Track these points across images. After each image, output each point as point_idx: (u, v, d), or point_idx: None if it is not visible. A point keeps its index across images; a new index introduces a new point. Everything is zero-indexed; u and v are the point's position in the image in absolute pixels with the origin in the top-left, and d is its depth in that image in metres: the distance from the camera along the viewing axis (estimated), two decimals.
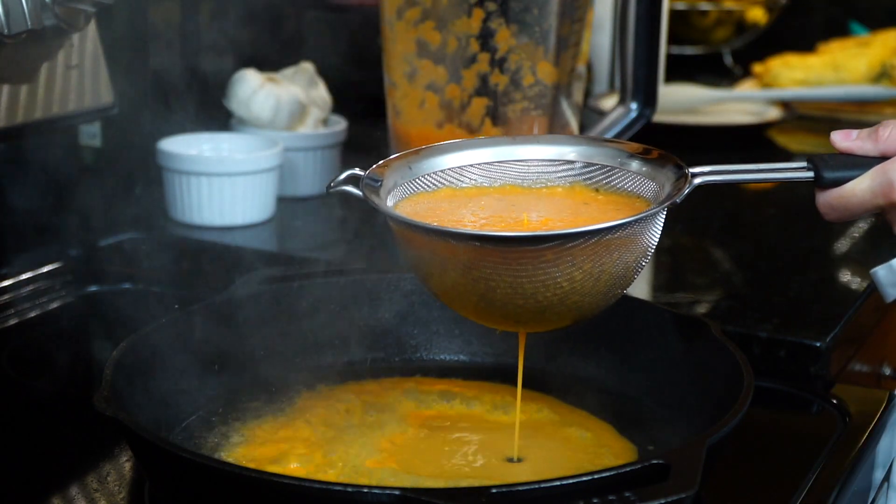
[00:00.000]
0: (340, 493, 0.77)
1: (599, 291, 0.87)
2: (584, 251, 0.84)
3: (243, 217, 1.48)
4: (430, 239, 0.86)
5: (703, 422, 0.86)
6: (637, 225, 0.86)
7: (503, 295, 0.85)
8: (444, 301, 0.91)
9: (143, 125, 1.52)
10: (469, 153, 0.95)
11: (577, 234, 0.83)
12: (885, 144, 0.90)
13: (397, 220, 0.87)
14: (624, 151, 0.94)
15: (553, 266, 0.83)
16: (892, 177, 0.88)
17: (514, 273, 0.84)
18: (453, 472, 0.92)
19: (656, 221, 0.88)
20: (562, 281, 0.84)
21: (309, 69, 1.62)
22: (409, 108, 1.39)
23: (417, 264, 0.89)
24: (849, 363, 1.26)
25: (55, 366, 1.19)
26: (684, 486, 0.74)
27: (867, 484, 1.10)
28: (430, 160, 0.95)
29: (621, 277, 0.88)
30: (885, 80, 2.25)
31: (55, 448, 1.01)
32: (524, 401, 1.05)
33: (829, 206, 0.92)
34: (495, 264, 0.84)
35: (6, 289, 1.31)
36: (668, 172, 0.91)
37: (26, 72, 1.21)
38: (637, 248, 0.87)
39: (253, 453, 0.95)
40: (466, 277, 0.85)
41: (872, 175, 0.89)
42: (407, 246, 0.89)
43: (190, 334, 1.02)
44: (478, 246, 0.84)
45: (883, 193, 0.89)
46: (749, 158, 2.03)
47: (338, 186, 0.90)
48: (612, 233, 0.84)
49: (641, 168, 0.93)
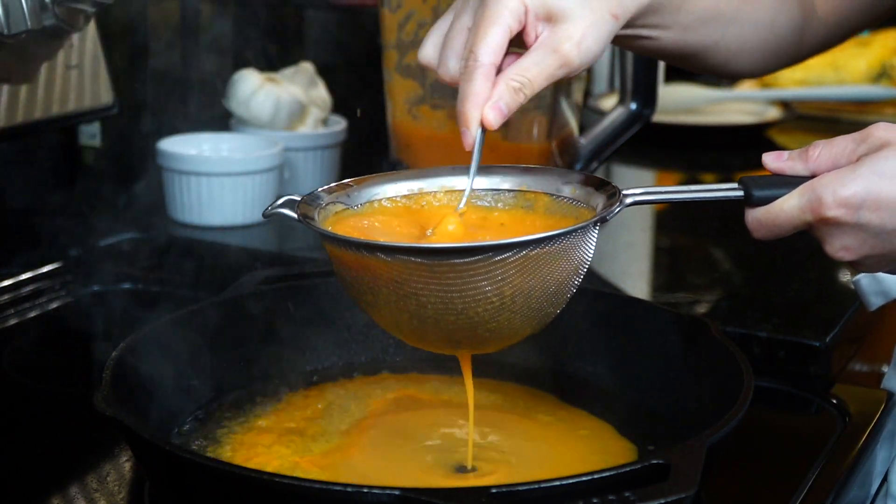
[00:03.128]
0: (340, 492, 0.77)
1: (532, 308, 0.87)
2: (514, 265, 0.84)
3: (243, 217, 1.48)
4: (359, 255, 0.86)
5: (703, 422, 0.86)
6: (566, 239, 0.86)
7: (434, 311, 0.85)
8: (379, 322, 0.91)
9: (143, 125, 1.53)
10: (406, 184, 0.96)
11: (505, 246, 0.83)
12: (815, 164, 0.90)
13: (326, 236, 0.88)
14: (558, 178, 0.94)
15: (483, 279, 0.83)
16: (820, 193, 0.88)
17: (444, 287, 0.84)
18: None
19: (587, 238, 0.88)
20: (492, 296, 0.84)
21: (309, 69, 1.62)
22: (409, 97, 1.39)
23: (350, 284, 0.89)
24: (849, 363, 1.26)
25: (55, 366, 1.19)
26: (684, 486, 0.74)
27: (867, 484, 1.10)
28: (369, 189, 0.95)
29: (553, 295, 0.87)
30: (885, 80, 2.26)
31: (55, 448, 1.01)
32: (524, 400, 1.05)
33: (758, 222, 0.91)
34: (424, 278, 0.84)
35: (6, 289, 1.31)
36: (601, 195, 0.91)
37: (26, 72, 1.21)
38: (568, 264, 0.87)
39: (253, 453, 0.95)
40: (397, 293, 0.85)
41: (801, 192, 0.89)
42: (339, 265, 0.89)
43: (190, 334, 1.02)
44: (407, 259, 0.83)
45: (811, 209, 0.88)
46: (749, 158, 2.04)
47: (274, 210, 0.91)
48: (540, 245, 0.84)
49: (575, 192, 0.93)
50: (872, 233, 0.88)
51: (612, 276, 1.37)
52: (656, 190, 0.93)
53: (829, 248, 0.90)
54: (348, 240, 0.87)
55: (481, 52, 0.90)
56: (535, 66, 0.91)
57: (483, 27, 0.91)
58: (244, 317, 1.06)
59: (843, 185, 0.87)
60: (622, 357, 1.06)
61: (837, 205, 0.87)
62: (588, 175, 0.94)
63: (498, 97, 0.90)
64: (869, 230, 0.88)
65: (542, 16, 0.93)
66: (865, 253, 0.90)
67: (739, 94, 2.24)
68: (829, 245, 0.90)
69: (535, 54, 0.92)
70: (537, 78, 0.91)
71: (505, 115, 0.90)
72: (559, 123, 1.40)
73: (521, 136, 1.38)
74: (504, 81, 0.90)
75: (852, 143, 0.90)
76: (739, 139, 2.09)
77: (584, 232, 0.87)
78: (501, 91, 0.90)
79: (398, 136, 1.43)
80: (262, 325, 1.07)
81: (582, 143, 1.45)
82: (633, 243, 1.44)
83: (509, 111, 0.90)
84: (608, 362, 1.06)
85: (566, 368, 1.07)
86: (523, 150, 1.39)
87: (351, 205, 0.94)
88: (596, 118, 1.52)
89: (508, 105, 0.90)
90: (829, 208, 0.88)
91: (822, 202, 0.88)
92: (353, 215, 0.93)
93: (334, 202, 0.93)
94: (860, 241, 0.89)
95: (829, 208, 0.88)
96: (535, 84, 0.91)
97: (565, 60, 0.92)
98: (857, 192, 0.87)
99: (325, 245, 0.89)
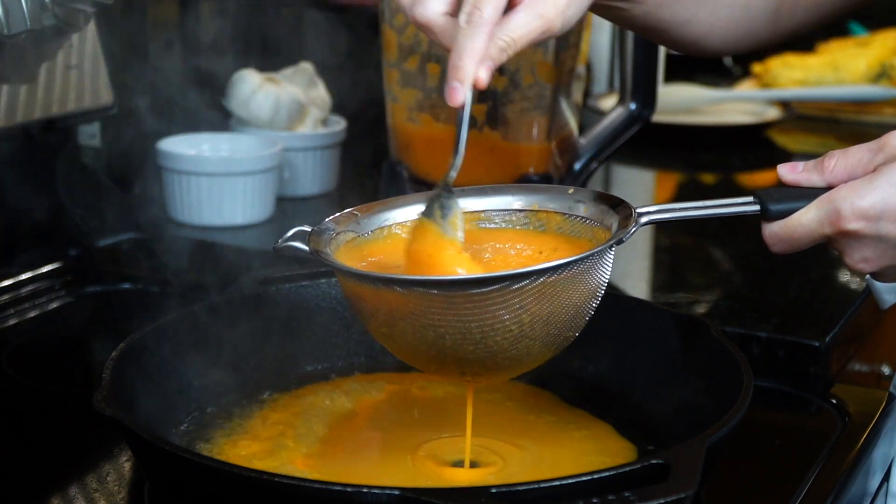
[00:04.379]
0: (340, 492, 0.77)
1: (550, 333, 0.86)
2: (531, 292, 0.83)
3: (243, 217, 1.48)
4: (375, 288, 0.85)
5: (703, 422, 0.86)
6: (583, 264, 0.85)
7: (452, 342, 0.85)
8: (396, 353, 0.91)
9: (143, 125, 1.52)
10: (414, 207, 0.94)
11: (522, 275, 0.82)
12: (832, 175, 0.90)
13: (343, 271, 0.87)
14: (570, 196, 0.94)
15: (501, 308, 0.83)
16: (838, 205, 0.87)
17: (462, 318, 0.83)
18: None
19: (604, 261, 0.88)
20: (510, 325, 0.84)
21: (308, 69, 1.62)
22: (409, 102, 1.39)
23: (366, 315, 0.89)
24: (848, 363, 1.26)
25: (55, 366, 1.19)
26: (684, 486, 0.74)
27: (866, 484, 1.10)
28: (379, 215, 0.95)
29: (572, 319, 0.87)
30: (885, 80, 2.26)
31: (55, 448, 1.01)
32: (524, 399, 1.05)
33: (776, 237, 0.91)
34: (442, 309, 0.83)
35: (6, 289, 1.31)
36: (615, 214, 0.91)
37: (26, 72, 1.21)
38: (585, 287, 0.86)
39: (253, 452, 0.95)
40: (414, 325, 0.85)
41: (818, 204, 0.88)
42: (353, 297, 0.89)
43: (190, 334, 1.02)
44: (423, 291, 0.83)
45: (830, 222, 0.88)
46: (749, 158, 2.04)
47: (285, 243, 0.91)
48: (557, 272, 0.83)
49: (589, 212, 0.93)
50: (892, 244, 0.88)
51: (612, 277, 1.37)
52: (671, 207, 0.92)
53: (849, 259, 0.90)
54: (364, 273, 0.87)
55: (487, 9, 0.88)
56: (520, 28, 0.89)
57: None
58: (244, 317, 1.06)
59: (861, 196, 0.87)
60: (622, 357, 1.06)
61: (856, 217, 0.87)
62: (601, 193, 0.94)
63: (489, 55, 0.88)
64: (889, 241, 0.87)
65: None
66: (886, 263, 0.89)
67: (739, 94, 2.24)
68: (848, 257, 0.90)
69: (520, 15, 0.90)
70: (521, 40, 0.90)
71: (490, 74, 0.88)
72: (559, 123, 1.40)
73: (521, 137, 1.39)
74: (492, 40, 0.89)
75: (868, 152, 0.89)
76: (739, 139, 2.09)
77: (601, 255, 0.87)
78: (492, 50, 0.88)
79: (398, 137, 1.43)
80: (262, 326, 1.07)
81: (582, 143, 1.45)
82: (632, 243, 1.44)
83: (492, 71, 0.89)
84: (608, 362, 1.06)
85: (566, 368, 1.07)
86: (523, 150, 1.39)
87: (360, 232, 0.94)
88: (596, 118, 1.52)
89: (495, 64, 0.88)
90: (848, 221, 0.87)
91: (841, 215, 0.87)
92: (366, 242, 0.93)
93: (345, 231, 0.93)
94: (880, 253, 0.88)
95: (848, 221, 0.87)
96: (517, 45, 0.89)
97: (549, 25, 0.91)
98: (876, 203, 0.86)
99: (338, 277, 0.89)
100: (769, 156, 2.09)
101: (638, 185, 1.93)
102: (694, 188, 1.90)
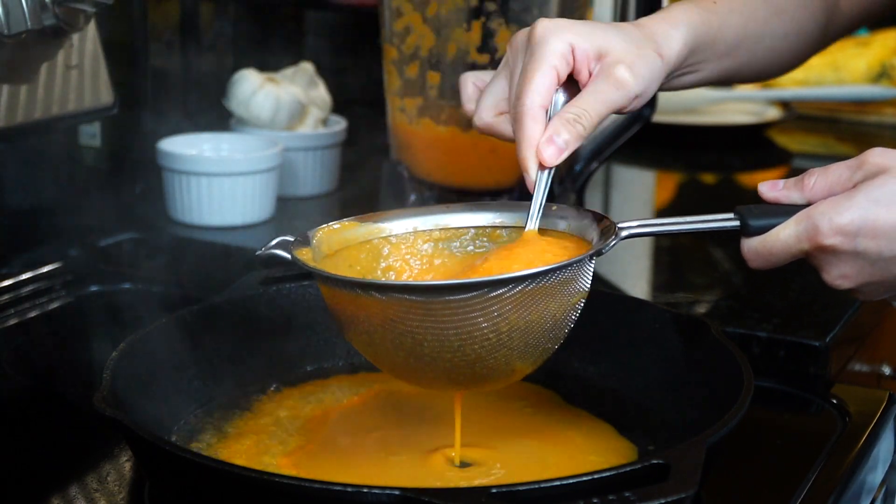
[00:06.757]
0: (340, 492, 0.77)
1: (529, 344, 0.86)
2: (509, 300, 0.83)
3: (243, 217, 1.48)
4: (353, 294, 0.86)
5: (703, 422, 0.86)
6: (562, 274, 0.85)
7: (431, 349, 0.85)
8: (376, 362, 0.91)
9: (143, 125, 1.53)
10: (400, 222, 0.96)
11: (499, 282, 0.83)
12: (811, 193, 0.90)
13: (318, 275, 0.88)
14: (553, 214, 0.94)
15: (479, 316, 0.83)
16: (816, 221, 0.88)
17: (440, 325, 0.83)
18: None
19: (583, 272, 0.88)
20: (488, 333, 0.84)
21: (309, 69, 1.62)
22: (409, 108, 1.39)
23: (345, 323, 0.89)
24: (848, 363, 1.26)
25: (55, 366, 1.19)
26: (684, 486, 0.74)
27: (867, 484, 1.10)
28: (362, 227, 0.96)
29: (550, 330, 0.87)
30: (885, 80, 2.25)
31: (55, 448, 1.01)
32: (524, 399, 1.05)
33: (754, 252, 0.91)
34: (420, 316, 0.83)
35: (6, 289, 1.31)
36: (595, 227, 0.92)
37: (26, 72, 1.21)
38: (564, 299, 0.87)
39: (253, 452, 0.95)
40: (392, 332, 0.85)
41: (797, 220, 0.89)
42: (333, 304, 0.89)
43: (190, 334, 1.02)
44: (401, 297, 0.83)
45: (808, 238, 0.88)
46: (749, 158, 2.04)
47: (268, 251, 0.91)
48: (536, 281, 0.84)
49: (570, 226, 0.93)
50: (870, 260, 0.88)
51: (612, 276, 1.37)
52: (652, 222, 0.93)
53: (827, 276, 0.90)
54: (341, 279, 0.87)
55: (526, 97, 0.91)
56: (589, 95, 0.93)
57: (528, 72, 0.92)
58: (244, 317, 1.06)
59: (839, 212, 0.87)
60: (622, 357, 1.06)
61: (834, 232, 0.87)
62: (582, 209, 0.95)
63: (552, 132, 0.90)
64: (866, 258, 0.88)
65: (592, 54, 0.94)
66: (864, 280, 0.89)
67: (739, 94, 2.24)
68: (826, 273, 0.90)
69: (589, 85, 0.93)
70: (594, 105, 0.92)
71: (562, 149, 0.90)
72: None
73: None
74: (557, 117, 0.91)
75: (848, 170, 0.90)
76: (739, 139, 2.09)
77: (580, 266, 0.87)
78: (556, 126, 0.90)
79: (398, 137, 1.43)
80: (262, 325, 1.07)
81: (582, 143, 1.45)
82: (632, 243, 1.44)
83: (566, 145, 0.91)
84: (608, 362, 1.06)
85: (566, 368, 1.07)
86: None
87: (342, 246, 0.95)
88: None
89: (565, 139, 0.91)
90: (826, 236, 0.88)
91: (819, 230, 0.88)
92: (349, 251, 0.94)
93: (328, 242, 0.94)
94: (858, 269, 0.89)
95: (826, 236, 0.88)
96: (591, 113, 0.92)
97: (620, 83, 0.93)
98: (854, 219, 0.87)
99: (318, 284, 0.89)
100: (769, 156, 2.09)
101: (638, 185, 1.93)
102: (694, 188, 1.90)
